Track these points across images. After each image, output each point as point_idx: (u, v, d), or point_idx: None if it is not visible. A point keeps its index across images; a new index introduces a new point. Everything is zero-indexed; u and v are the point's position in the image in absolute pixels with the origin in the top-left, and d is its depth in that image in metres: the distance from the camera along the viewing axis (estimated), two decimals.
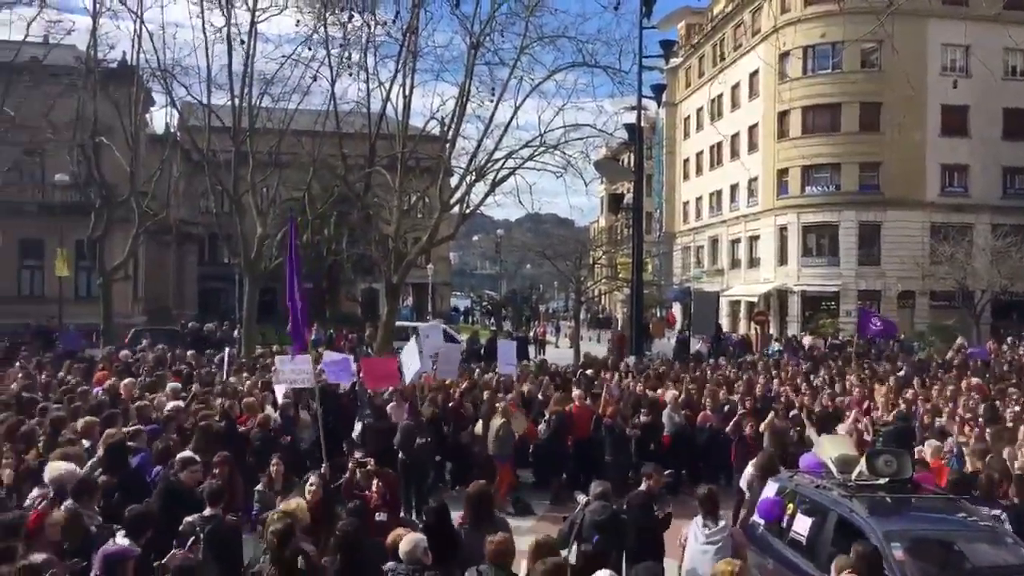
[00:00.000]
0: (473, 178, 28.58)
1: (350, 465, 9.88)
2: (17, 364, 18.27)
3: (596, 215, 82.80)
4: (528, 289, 74.68)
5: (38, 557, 5.77)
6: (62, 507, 7.15)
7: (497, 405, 14.32)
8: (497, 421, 13.97)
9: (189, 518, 7.66)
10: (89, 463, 8.94)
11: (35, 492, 7.43)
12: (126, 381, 15.08)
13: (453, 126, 28.45)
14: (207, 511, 7.73)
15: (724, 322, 50.35)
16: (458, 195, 29.40)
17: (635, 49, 26.16)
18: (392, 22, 27.82)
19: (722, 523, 8.45)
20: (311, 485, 8.56)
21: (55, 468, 7.78)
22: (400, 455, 12.99)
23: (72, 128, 30.73)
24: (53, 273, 34.74)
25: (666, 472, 10.36)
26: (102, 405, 12.43)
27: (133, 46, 29.42)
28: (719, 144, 56.70)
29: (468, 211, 30.14)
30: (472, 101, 27.96)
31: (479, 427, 14.46)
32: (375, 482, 9.28)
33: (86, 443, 9.82)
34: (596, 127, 28.11)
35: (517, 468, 14.88)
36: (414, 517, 12.33)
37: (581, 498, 9.06)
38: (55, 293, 35.26)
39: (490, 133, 28.20)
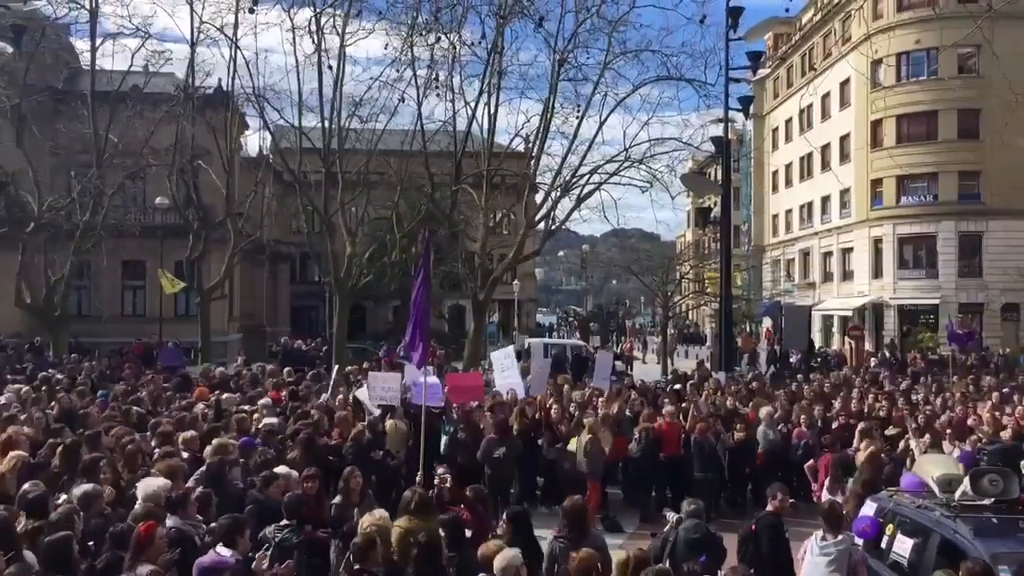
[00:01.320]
0: (558, 194, 28.66)
1: (436, 480, 9.94)
2: (120, 382, 18.91)
3: (682, 229, 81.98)
4: (614, 304, 74.28)
5: (144, 569, 5.95)
6: (167, 520, 7.38)
7: (585, 421, 14.20)
8: (585, 437, 13.87)
9: (268, 528, 7.82)
10: (194, 476, 9.19)
11: (138, 506, 7.67)
12: (224, 396, 15.46)
13: (538, 143, 28.60)
14: (283, 522, 7.87)
15: (816, 337, 49.12)
16: (543, 211, 29.48)
17: (721, 61, 25.89)
18: (478, 43, 28.16)
19: (841, 537, 8.22)
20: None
21: (149, 484, 8.03)
22: (485, 468, 13.07)
23: (172, 153, 31.88)
24: (154, 292, 36.10)
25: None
26: (203, 420, 12.77)
27: (228, 73, 30.44)
28: (809, 155, 55.52)
29: (553, 227, 30.19)
30: (556, 117, 28.12)
31: (572, 444, 14.37)
32: (461, 494, 9.31)
33: (185, 455, 10.11)
34: (682, 140, 27.98)
35: (607, 485, 14.75)
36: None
37: (670, 516, 8.91)
38: (156, 312, 36.60)
39: (575, 149, 28.29)
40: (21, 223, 29.07)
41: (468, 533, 8.21)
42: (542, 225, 30.05)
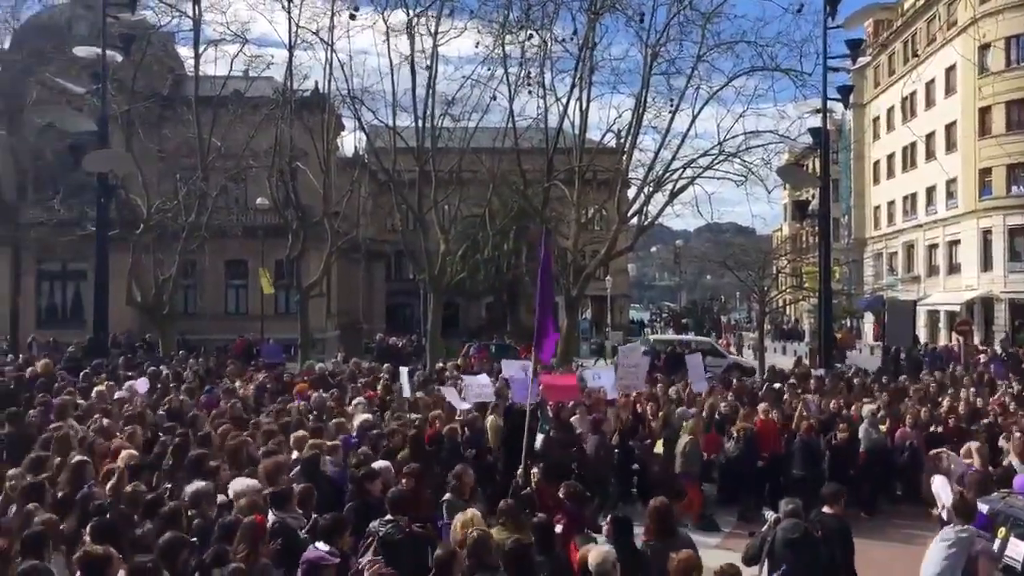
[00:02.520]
0: (651, 189, 28.38)
1: (532, 479, 9.97)
2: (224, 379, 19.50)
3: (779, 223, 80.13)
4: (709, 300, 73.19)
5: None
6: (270, 515, 7.59)
7: (685, 423, 14.02)
8: (684, 439, 13.69)
9: (373, 523, 7.94)
10: (292, 473, 9.43)
11: (243, 500, 7.89)
12: (321, 394, 15.80)
13: (630, 138, 28.38)
14: (387, 517, 7.98)
15: (921, 333, 47.41)
16: (636, 207, 29.24)
17: (819, 50, 25.22)
18: (570, 38, 28.09)
19: (966, 527, 7.98)
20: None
21: (239, 483, 8.25)
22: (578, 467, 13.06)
23: (271, 155, 32.74)
24: (256, 291, 37.23)
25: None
26: (303, 417, 13.05)
27: (325, 75, 31.08)
28: (912, 145, 53.63)
29: (646, 223, 29.91)
30: (649, 112, 27.85)
31: (659, 446, 14.21)
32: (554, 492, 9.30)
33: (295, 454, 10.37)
34: (778, 133, 27.39)
35: (701, 483, 14.56)
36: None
37: (769, 515, 8.74)
38: (258, 310, 37.71)
39: (668, 143, 27.99)
40: (131, 225, 30.28)
41: (559, 529, 8.19)
42: (635, 220, 29.79)
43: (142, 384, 15.52)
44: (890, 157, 59.84)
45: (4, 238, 34.56)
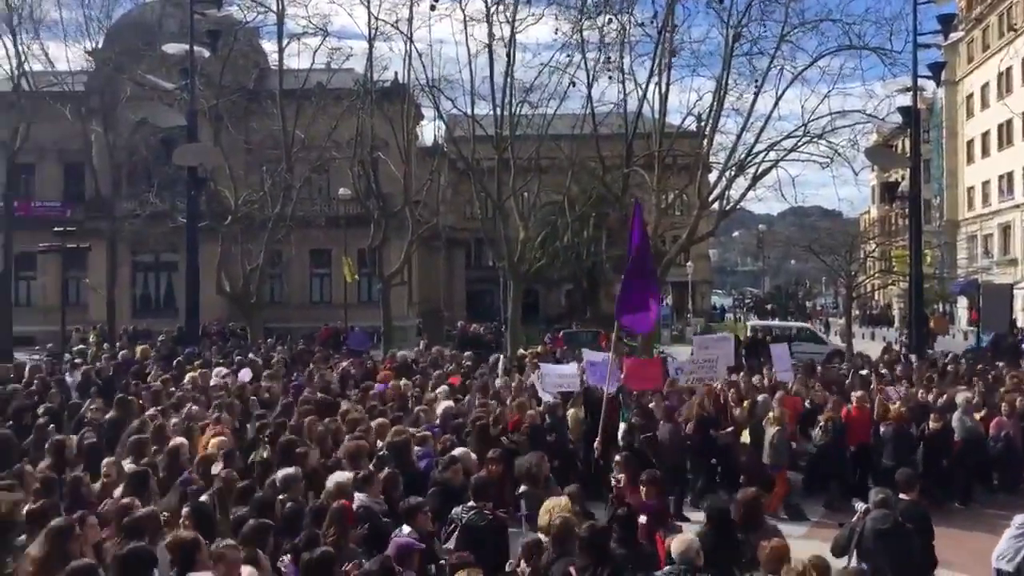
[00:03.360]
0: (733, 173, 27.91)
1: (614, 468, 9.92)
2: (311, 365, 19.92)
3: (867, 206, 77.97)
4: (793, 285, 71.79)
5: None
6: (355, 501, 7.76)
7: (773, 413, 13.75)
8: (772, 429, 13.45)
9: (455, 509, 8.03)
10: (375, 459, 9.59)
11: (331, 486, 8.08)
12: (404, 382, 16.01)
13: (711, 121, 27.92)
14: (470, 503, 8.06)
15: (1020, 317, 45.62)
16: (717, 191, 28.80)
17: (908, 27, 24.40)
18: (650, 22, 27.77)
19: None
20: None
21: (337, 477, 8.42)
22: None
23: (353, 145, 33.25)
24: (339, 279, 37.98)
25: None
26: (388, 405, 13.24)
27: (404, 65, 31.37)
28: (1009, 122, 51.46)
29: (728, 207, 29.42)
30: (730, 94, 27.34)
31: (746, 435, 13.99)
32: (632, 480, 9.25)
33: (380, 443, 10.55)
34: (865, 112, 26.54)
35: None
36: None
37: (859, 505, 8.57)
38: (341, 298, 38.42)
39: (750, 126, 27.41)
40: (220, 216, 31.16)
41: (643, 519, 8.16)
42: (716, 205, 29.32)
43: (245, 374, 15.88)
44: (984, 135, 57.62)
45: (101, 231, 35.91)
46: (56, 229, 34.11)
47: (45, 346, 29.32)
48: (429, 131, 49.25)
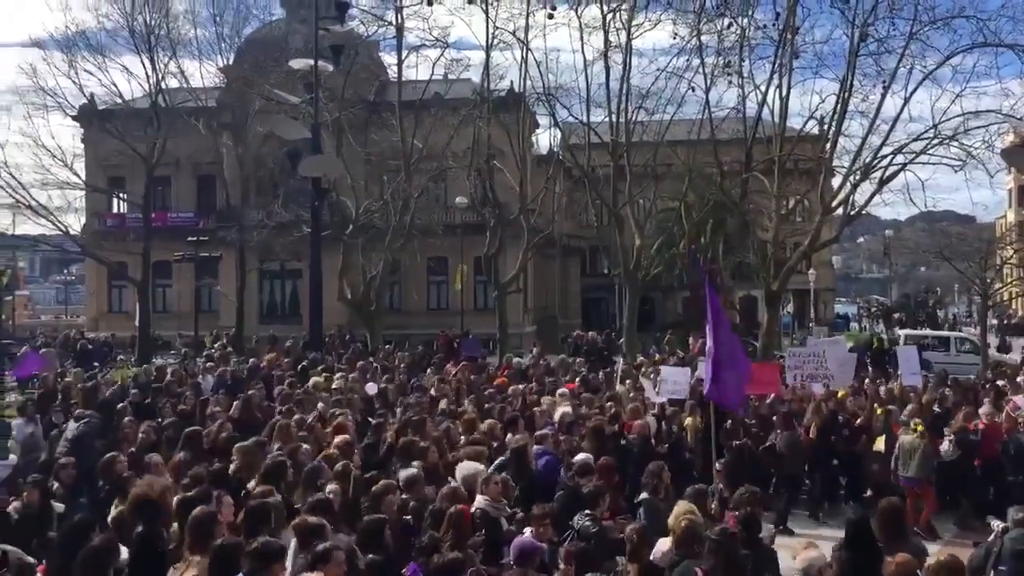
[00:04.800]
0: (858, 177, 27.06)
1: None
2: (429, 370, 20.29)
3: (1003, 210, 74.13)
4: (923, 293, 68.81)
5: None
6: (479, 499, 7.88)
7: (914, 423, 13.18)
8: (912, 439, 12.85)
9: (576, 517, 8.04)
10: (495, 463, 9.69)
11: (446, 491, 8.21)
12: (518, 387, 16.12)
13: (834, 124, 27.16)
14: (587, 510, 8.06)
15: None
16: (841, 196, 28.00)
17: None
18: (771, 24, 27.24)
19: None
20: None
21: (465, 468, 8.57)
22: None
23: (469, 154, 33.74)
24: (456, 287, 38.62)
25: None
26: (504, 409, 13.36)
27: (520, 74, 31.69)
28: None
29: (852, 212, 28.57)
30: (855, 96, 26.52)
31: (879, 443, 13.49)
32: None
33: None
34: (1001, 112, 25.30)
35: None
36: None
37: (996, 524, 8.13)
38: (458, 305, 38.98)
39: (876, 128, 26.52)
40: (342, 226, 32.09)
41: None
42: (840, 211, 28.48)
43: (371, 387, 16.26)
44: None
45: (231, 240, 37.48)
46: (190, 239, 35.97)
47: (180, 350, 30.82)
48: (545, 139, 49.37)
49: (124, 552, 6.75)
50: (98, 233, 42.52)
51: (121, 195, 44.35)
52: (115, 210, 46.35)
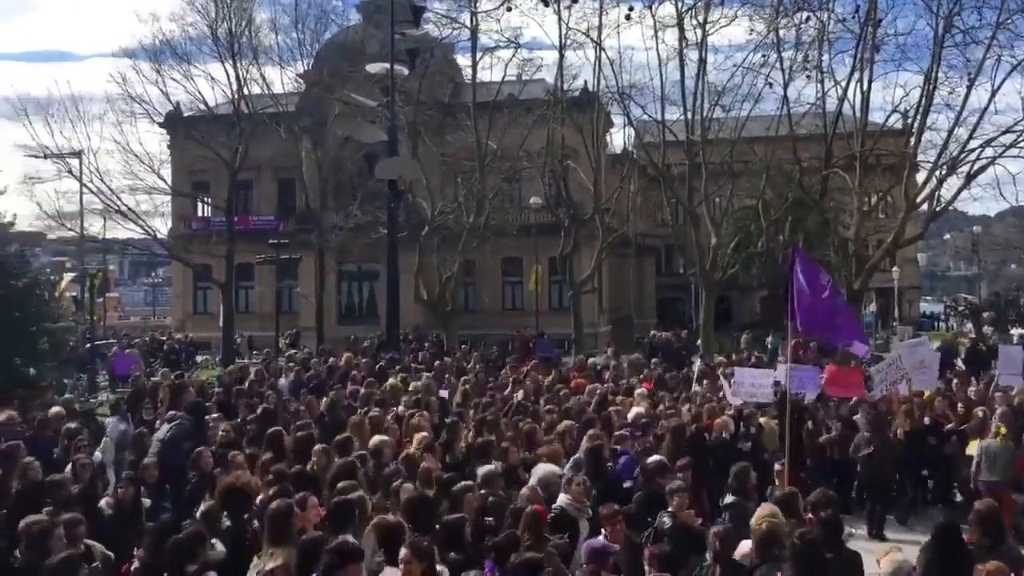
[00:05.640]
0: (944, 172, 26.30)
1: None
2: (504, 371, 20.36)
3: None
4: (1014, 291, 66.38)
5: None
6: (561, 497, 7.92)
7: (995, 427, 12.75)
8: (994, 443, 12.43)
9: (660, 516, 8.04)
10: (570, 462, 9.70)
11: (525, 489, 8.26)
12: (595, 387, 16.07)
13: (918, 117, 26.43)
14: (669, 509, 8.05)
15: None
16: (926, 192, 27.25)
17: None
18: (852, 17, 26.66)
19: None
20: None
21: (541, 469, 8.61)
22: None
23: (543, 155, 33.79)
24: (530, 288, 38.72)
25: None
26: (582, 409, 13.32)
27: (594, 74, 31.64)
28: None
29: (938, 208, 27.77)
30: (940, 88, 25.79)
31: (972, 446, 13.07)
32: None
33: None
34: None
35: None
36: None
37: None
38: (532, 305, 39.07)
39: (963, 121, 25.72)
40: (418, 227, 32.46)
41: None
42: (925, 206, 27.71)
43: (442, 393, 16.39)
44: None
45: (310, 242, 38.23)
46: (271, 241, 36.80)
47: (263, 350, 31.58)
48: (619, 138, 49.21)
49: (219, 545, 7.02)
50: (184, 236, 43.82)
51: (205, 199, 45.53)
52: (200, 214, 47.64)
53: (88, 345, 29.06)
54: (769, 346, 29.05)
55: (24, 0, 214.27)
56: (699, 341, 30.40)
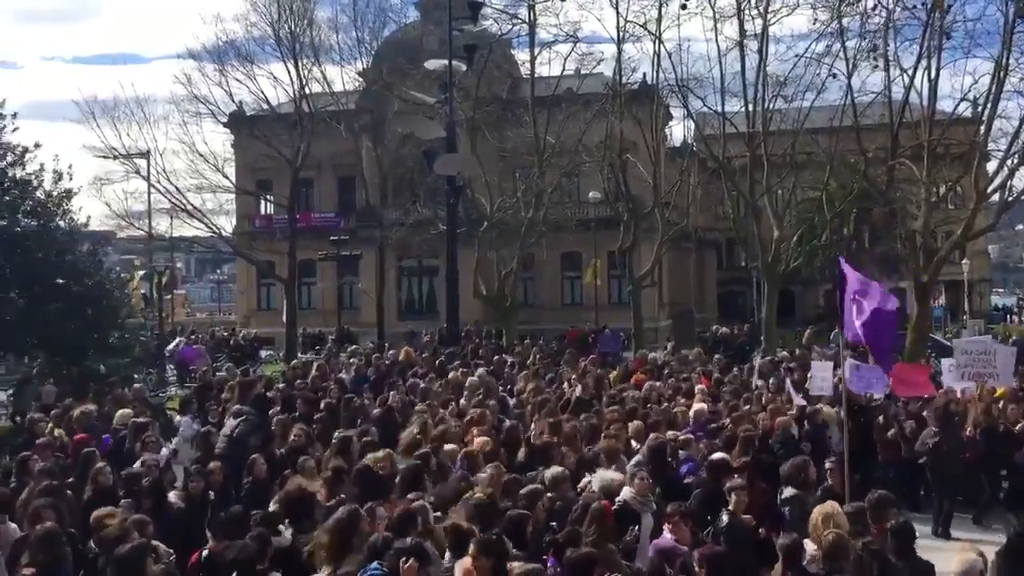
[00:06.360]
0: (1015, 161, 25.49)
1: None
2: (563, 366, 20.31)
3: None
4: None
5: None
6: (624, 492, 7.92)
7: None
8: None
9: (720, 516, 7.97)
10: (633, 462, 9.65)
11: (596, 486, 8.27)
12: (655, 384, 15.97)
13: (989, 105, 25.67)
14: (726, 510, 7.99)
15: None
16: (997, 181, 26.43)
17: None
18: (920, 4, 25.99)
19: None
20: None
21: (602, 476, 8.58)
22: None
23: (602, 148, 33.65)
24: (589, 282, 38.63)
25: None
26: (637, 407, 13.24)
27: (652, 66, 31.37)
28: None
29: (1010, 199, 26.95)
30: (1012, 75, 24.99)
31: None
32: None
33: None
34: None
35: None
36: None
37: None
38: (592, 300, 38.96)
39: None
40: (477, 223, 32.59)
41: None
42: (995, 197, 26.91)
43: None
44: None
45: (371, 239, 38.61)
46: (332, 238, 37.30)
47: (324, 346, 32.04)
48: (678, 131, 48.79)
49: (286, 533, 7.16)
50: (248, 234, 44.67)
51: (268, 197, 46.32)
52: (263, 212, 48.49)
53: (157, 341, 29.81)
54: (832, 340, 28.54)
55: (87, 4, 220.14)
56: (761, 336, 30.01)
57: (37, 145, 21.72)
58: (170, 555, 7.33)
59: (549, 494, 8.08)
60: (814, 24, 28.31)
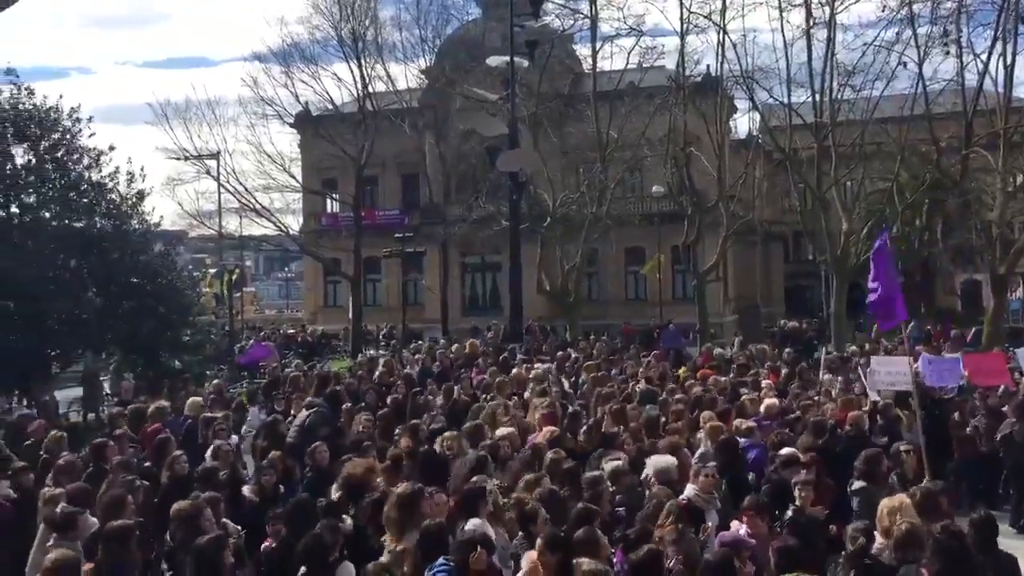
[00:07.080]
0: None
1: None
2: (624, 362, 20.22)
3: None
4: None
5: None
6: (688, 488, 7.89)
7: None
8: None
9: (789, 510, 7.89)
10: (697, 454, 9.59)
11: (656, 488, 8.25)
12: (720, 378, 15.81)
13: None
14: (794, 504, 7.90)
15: None
16: None
17: None
18: None
19: None
20: None
21: (656, 461, 8.56)
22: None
23: (665, 142, 33.37)
24: (653, 276, 38.39)
25: None
26: (700, 400, 13.12)
27: (716, 58, 31.00)
28: None
29: None
30: None
31: None
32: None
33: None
34: None
35: None
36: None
37: None
38: (656, 295, 38.69)
39: None
40: (540, 218, 32.61)
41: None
42: None
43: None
44: None
45: (434, 235, 38.89)
46: (396, 235, 37.68)
47: (390, 342, 32.44)
48: (743, 123, 48.14)
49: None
50: (314, 232, 45.37)
51: (334, 196, 46.96)
52: (329, 210, 49.19)
53: (227, 338, 30.47)
54: (909, 334, 27.86)
55: (155, 11, 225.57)
56: (830, 330, 29.47)
57: (112, 148, 22.35)
58: (239, 531, 7.52)
59: (612, 487, 8.08)
60: (883, 11, 27.76)
